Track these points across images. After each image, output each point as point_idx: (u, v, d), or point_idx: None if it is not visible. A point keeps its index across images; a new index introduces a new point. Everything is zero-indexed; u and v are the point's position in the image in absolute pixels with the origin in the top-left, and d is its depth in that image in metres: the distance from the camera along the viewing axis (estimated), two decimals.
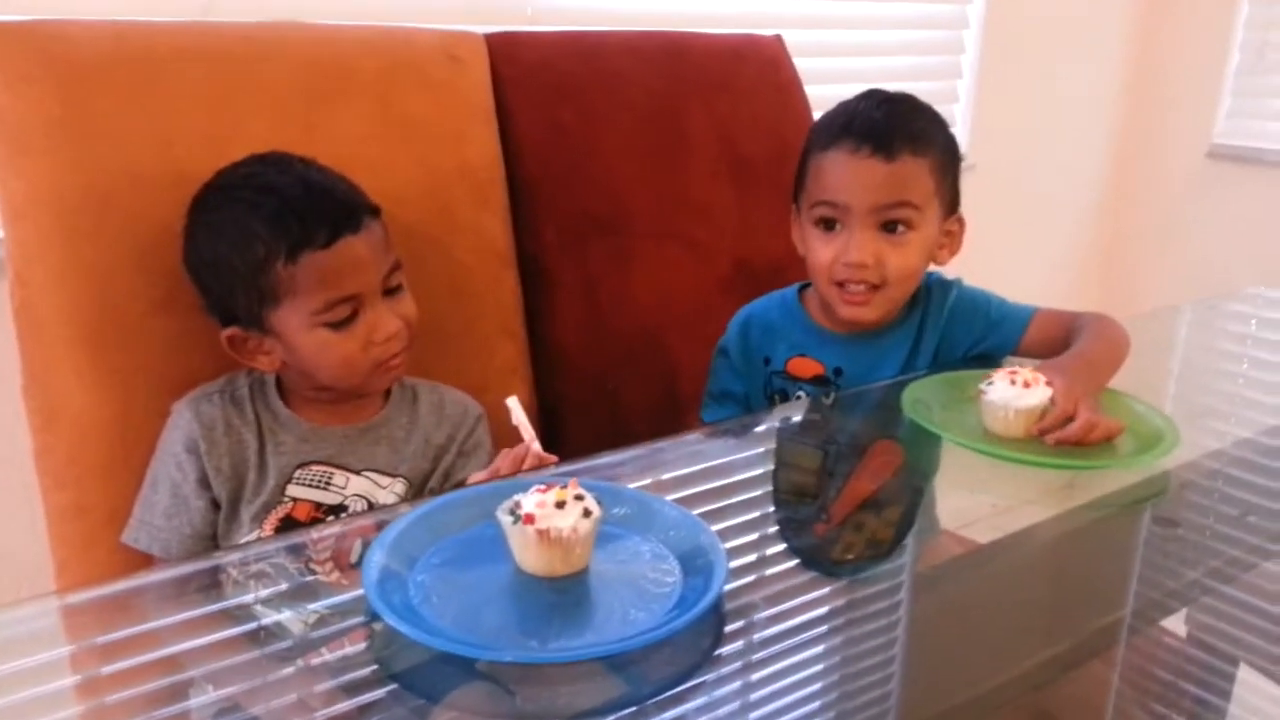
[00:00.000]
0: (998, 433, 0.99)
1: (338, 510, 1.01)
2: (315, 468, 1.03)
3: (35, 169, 1.05)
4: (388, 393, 1.10)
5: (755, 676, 0.69)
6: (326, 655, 0.72)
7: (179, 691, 0.71)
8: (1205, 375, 1.36)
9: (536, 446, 0.92)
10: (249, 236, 0.97)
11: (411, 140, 1.25)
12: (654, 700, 0.66)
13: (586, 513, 0.72)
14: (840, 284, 1.12)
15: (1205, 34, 2.55)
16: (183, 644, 0.75)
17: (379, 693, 0.67)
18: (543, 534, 0.71)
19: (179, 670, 0.72)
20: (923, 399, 1.06)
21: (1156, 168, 2.69)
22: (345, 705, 0.66)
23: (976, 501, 0.98)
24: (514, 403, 0.94)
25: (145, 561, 1.02)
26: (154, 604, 0.83)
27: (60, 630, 0.82)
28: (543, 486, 0.73)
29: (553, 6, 1.62)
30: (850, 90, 1.18)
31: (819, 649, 0.73)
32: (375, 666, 0.68)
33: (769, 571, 0.82)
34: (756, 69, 1.55)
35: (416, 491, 1.08)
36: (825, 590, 0.82)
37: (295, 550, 0.84)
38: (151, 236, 1.03)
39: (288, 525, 1.00)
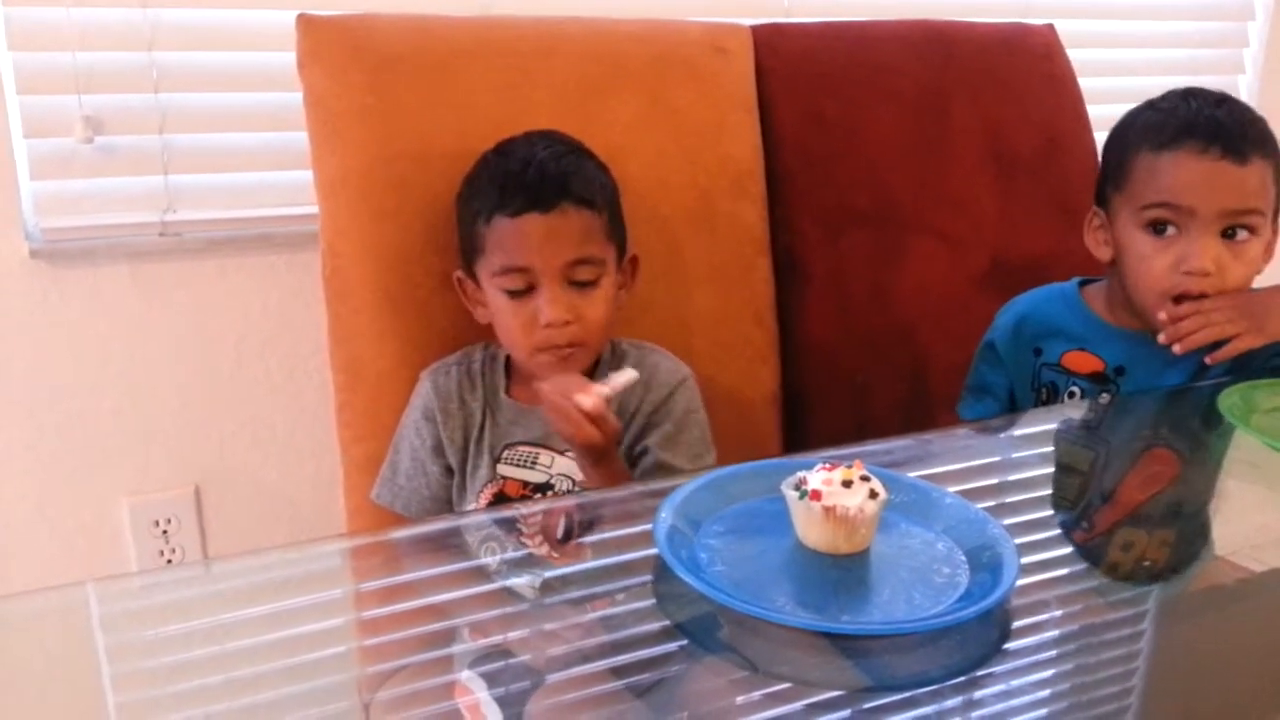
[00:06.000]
0: None
1: (544, 488, 1.05)
2: (521, 449, 1.06)
3: (347, 150, 1.15)
4: (594, 369, 1.09)
5: (1016, 683, 0.67)
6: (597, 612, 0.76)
7: (445, 637, 0.76)
8: None
9: (599, 389, 0.94)
10: (476, 192, 1.07)
11: (677, 130, 1.29)
12: (911, 692, 0.65)
13: (873, 494, 0.72)
14: (1176, 296, 1.06)
15: None
16: (449, 594, 0.81)
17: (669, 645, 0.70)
18: (829, 511, 0.71)
19: (445, 617, 0.78)
20: (1240, 404, 0.99)
21: None
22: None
23: (1259, 524, 0.91)
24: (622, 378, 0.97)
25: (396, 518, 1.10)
26: (428, 553, 0.90)
27: (347, 571, 0.91)
28: (828, 465, 0.74)
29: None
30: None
31: (1060, 669, 0.70)
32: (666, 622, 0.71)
33: (1036, 579, 0.79)
34: (1027, 60, 1.49)
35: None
36: (1078, 607, 0.78)
37: (507, 525, 0.90)
38: (445, 217, 1.11)
39: (500, 501, 1.06)
